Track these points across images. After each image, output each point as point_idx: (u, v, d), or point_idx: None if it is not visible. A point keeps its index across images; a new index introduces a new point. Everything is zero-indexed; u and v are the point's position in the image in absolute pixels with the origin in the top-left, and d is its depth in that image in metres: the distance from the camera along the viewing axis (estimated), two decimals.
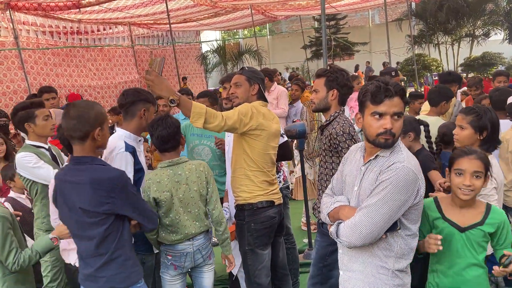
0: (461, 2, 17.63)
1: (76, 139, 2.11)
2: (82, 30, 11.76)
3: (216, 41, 19.98)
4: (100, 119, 2.13)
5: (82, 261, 2.23)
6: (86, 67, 11.75)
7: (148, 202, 2.56)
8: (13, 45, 9.06)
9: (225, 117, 2.64)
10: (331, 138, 2.65)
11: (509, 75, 5.55)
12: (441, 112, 3.89)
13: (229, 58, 16.92)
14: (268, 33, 27.02)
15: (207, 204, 2.78)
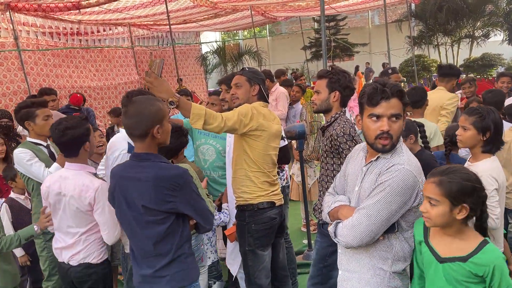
0: (461, 3, 17.62)
1: (136, 137, 2.08)
2: (82, 31, 11.74)
3: (216, 42, 19.94)
4: (159, 116, 2.06)
5: (137, 262, 2.15)
6: (86, 68, 11.73)
7: None
8: (13, 46, 9.04)
9: (225, 118, 2.64)
10: (332, 139, 2.65)
11: None
12: (423, 112, 3.77)
13: (229, 59, 16.90)
14: (268, 34, 27.02)
15: None
